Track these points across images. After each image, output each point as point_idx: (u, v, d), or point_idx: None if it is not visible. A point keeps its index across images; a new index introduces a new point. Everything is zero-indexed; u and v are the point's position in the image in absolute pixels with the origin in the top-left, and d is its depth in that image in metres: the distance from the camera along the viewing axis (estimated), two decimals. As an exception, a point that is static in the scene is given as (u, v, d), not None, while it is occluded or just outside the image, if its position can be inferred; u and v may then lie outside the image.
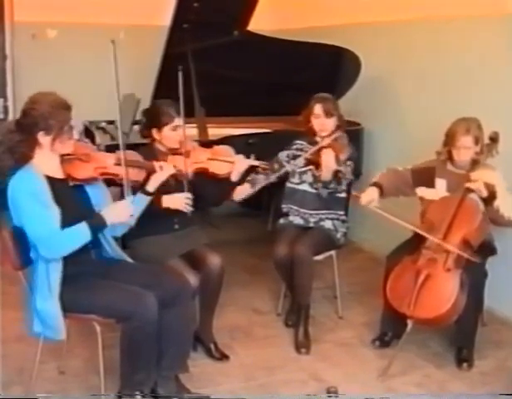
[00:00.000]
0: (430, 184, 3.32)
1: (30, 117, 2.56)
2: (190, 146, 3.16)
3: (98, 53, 5.39)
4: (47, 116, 2.54)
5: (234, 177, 3.14)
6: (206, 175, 3.11)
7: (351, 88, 4.56)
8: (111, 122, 4.50)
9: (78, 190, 2.70)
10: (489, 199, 3.05)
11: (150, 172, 2.87)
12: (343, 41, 4.55)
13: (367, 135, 4.66)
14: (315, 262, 3.43)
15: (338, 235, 3.55)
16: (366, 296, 3.94)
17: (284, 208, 3.64)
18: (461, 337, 3.26)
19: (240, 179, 3.20)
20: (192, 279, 2.97)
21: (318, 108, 3.50)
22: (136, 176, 2.83)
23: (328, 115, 3.49)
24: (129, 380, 2.65)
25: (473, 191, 3.08)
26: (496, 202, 3.04)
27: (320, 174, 3.40)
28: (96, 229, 2.59)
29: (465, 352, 3.21)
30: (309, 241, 3.39)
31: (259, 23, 4.40)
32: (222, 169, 3.12)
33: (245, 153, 3.27)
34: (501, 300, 3.66)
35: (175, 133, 3.13)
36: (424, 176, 3.35)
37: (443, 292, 2.98)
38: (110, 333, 2.74)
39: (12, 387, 2.87)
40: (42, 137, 2.57)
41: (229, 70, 3.90)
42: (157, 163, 2.89)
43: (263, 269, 4.16)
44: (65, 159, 2.68)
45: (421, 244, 3.13)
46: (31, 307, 2.63)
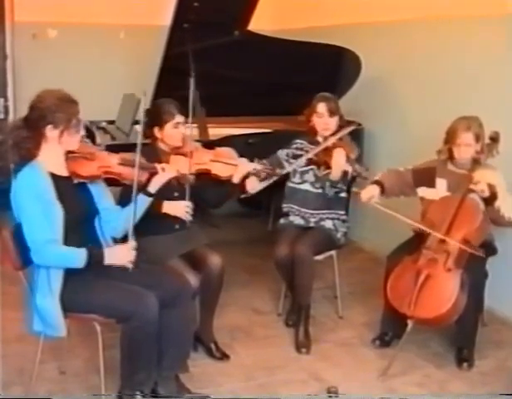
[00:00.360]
0: (430, 184, 3.32)
1: (37, 111, 2.56)
2: (193, 147, 3.16)
3: (98, 53, 5.47)
4: (55, 110, 2.55)
5: (236, 179, 3.13)
6: (208, 177, 3.11)
7: (351, 88, 4.56)
8: (112, 122, 4.51)
9: (81, 189, 2.71)
10: (490, 200, 3.05)
11: (153, 173, 2.87)
12: (344, 41, 4.55)
13: (368, 135, 4.66)
14: (315, 262, 3.43)
15: (339, 235, 3.54)
16: (366, 296, 3.94)
17: (285, 208, 3.64)
18: (462, 337, 3.26)
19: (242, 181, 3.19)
20: (192, 280, 2.97)
21: (322, 107, 3.49)
22: (140, 177, 2.83)
23: (332, 114, 3.49)
24: (129, 380, 2.65)
25: (475, 192, 3.08)
26: (497, 203, 3.03)
27: (324, 173, 3.39)
28: (93, 263, 2.58)
29: (466, 352, 3.21)
30: (310, 241, 3.39)
31: (260, 23, 4.40)
32: (224, 171, 3.11)
33: (245, 153, 3.27)
34: (501, 300, 3.66)
35: (177, 131, 3.13)
36: (424, 176, 3.35)
37: (443, 292, 2.97)
38: (110, 333, 2.74)
39: (12, 387, 2.87)
40: (50, 131, 2.56)
41: (230, 70, 3.89)
42: (159, 165, 2.88)
43: (264, 269, 4.17)
44: (70, 157, 2.68)
45: (422, 244, 3.13)
46: (31, 305, 2.63)
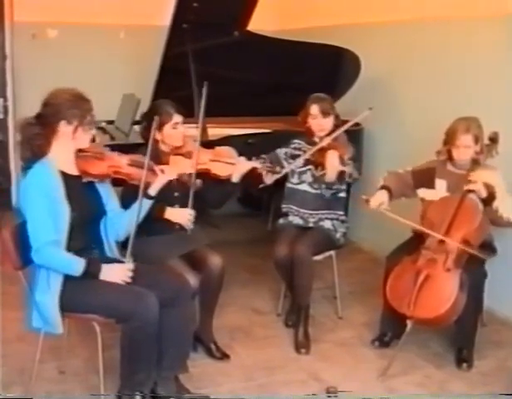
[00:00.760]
0: (430, 184, 3.32)
1: (51, 107, 2.58)
2: (192, 147, 3.16)
3: (98, 53, 5.46)
4: (69, 106, 2.57)
5: (235, 178, 3.14)
6: (208, 177, 3.11)
7: (351, 88, 4.56)
8: (111, 122, 4.51)
9: (90, 188, 2.72)
10: (488, 200, 3.05)
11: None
12: (343, 41, 4.55)
13: (367, 136, 4.66)
14: (315, 262, 3.43)
15: (338, 235, 3.54)
16: (365, 296, 3.94)
17: (284, 208, 3.64)
18: (461, 338, 3.26)
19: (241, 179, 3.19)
20: (192, 280, 2.97)
21: (315, 108, 3.49)
22: (149, 178, 2.82)
23: (325, 114, 3.49)
24: (129, 380, 2.64)
25: (473, 192, 3.08)
26: (495, 203, 3.03)
27: (321, 174, 3.40)
28: (88, 273, 2.58)
29: (465, 353, 3.21)
30: (309, 241, 3.39)
31: (260, 23, 4.40)
32: (224, 170, 3.11)
33: (244, 153, 3.27)
34: (501, 300, 3.66)
35: (176, 131, 3.13)
36: (424, 177, 3.34)
37: (443, 292, 2.97)
38: (109, 333, 2.74)
39: (12, 387, 2.87)
40: (64, 127, 2.57)
41: (229, 70, 3.90)
42: (159, 166, 2.87)
43: (264, 269, 4.17)
44: (80, 155, 2.69)
45: (421, 244, 3.13)
46: (30, 303, 2.63)
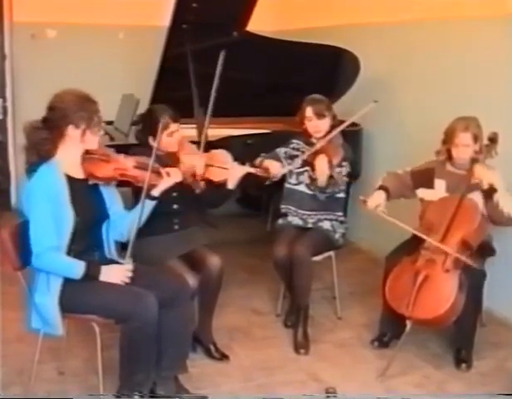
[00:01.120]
0: (429, 185, 3.32)
1: (58, 111, 2.56)
2: (189, 150, 3.16)
3: (97, 53, 5.46)
4: (76, 109, 2.55)
5: (231, 185, 3.13)
6: (203, 181, 3.10)
7: (350, 89, 4.56)
8: (110, 122, 4.50)
9: (95, 192, 2.71)
10: (489, 192, 3.05)
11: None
12: (342, 41, 4.56)
13: (366, 136, 4.67)
14: (314, 262, 3.43)
15: (337, 236, 3.54)
16: (365, 296, 3.94)
17: (283, 208, 3.64)
18: (460, 338, 3.26)
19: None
20: (191, 280, 2.97)
21: (309, 111, 3.48)
22: (154, 181, 2.82)
23: (320, 116, 3.48)
24: (128, 380, 2.64)
25: (476, 184, 3.07)
26: (496, 196, 3.04)
27: (314, 178, 3.39)
28: (88, 276, 2.58)
29: (464, 353, 3.21)
30: (308, 242, 3.39)
31: (259, 24, 4.40)
32: (218, 175, 3.12)
33: (244, 153, 3.27)
34: (500, 301, 3.66)
35: (172, 139, 3.12)
36: (423, 177, 3.35)
37: (442, 292, 2.97)
38: (109, 333, 2.74)
39: (12, 387, 2.88)
40: (72, 131, 2.56)
41: (228, 70, 3.88)
42: (165, 169, 2.86)
43: (263, 269, 4.16)
44: (86, 158, 2.68)
45: (420, 245, 3.13)
46: (30, 304, 2.63)
